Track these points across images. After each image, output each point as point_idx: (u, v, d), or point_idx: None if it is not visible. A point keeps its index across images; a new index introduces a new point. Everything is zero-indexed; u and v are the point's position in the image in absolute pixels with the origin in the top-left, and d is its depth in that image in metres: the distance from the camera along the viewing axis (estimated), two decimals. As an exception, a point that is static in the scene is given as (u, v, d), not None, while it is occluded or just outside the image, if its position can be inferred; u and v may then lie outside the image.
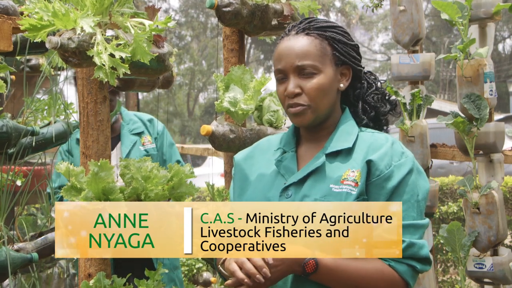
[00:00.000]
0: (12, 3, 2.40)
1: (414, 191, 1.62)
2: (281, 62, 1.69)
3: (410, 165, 1.64)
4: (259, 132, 2.42)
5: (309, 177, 1.67)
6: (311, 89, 1.66)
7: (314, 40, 1.69)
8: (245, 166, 1.83)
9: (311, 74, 1.67)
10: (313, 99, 1.66)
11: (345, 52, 1.72)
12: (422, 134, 3.53)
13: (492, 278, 3.39)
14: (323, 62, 1.68)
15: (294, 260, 1.54)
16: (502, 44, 25.97)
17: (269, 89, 2.81)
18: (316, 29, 1.71)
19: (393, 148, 1.66)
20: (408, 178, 1.62)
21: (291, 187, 1.67)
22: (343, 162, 1.66)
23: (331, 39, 1.71)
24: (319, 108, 1.68)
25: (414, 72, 3.61)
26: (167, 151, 3.10)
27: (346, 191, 1.61)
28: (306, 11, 2.56)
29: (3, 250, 2.28)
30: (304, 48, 1.68)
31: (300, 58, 1.67)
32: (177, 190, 2.08)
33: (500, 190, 3.40)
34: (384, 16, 24.93)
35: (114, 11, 1.90)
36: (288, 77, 1.68)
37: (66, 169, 1.94)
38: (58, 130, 2.79)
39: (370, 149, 1.66)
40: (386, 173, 1.61)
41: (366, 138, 1.70)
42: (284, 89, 1.68)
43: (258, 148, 1.87)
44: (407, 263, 1.59)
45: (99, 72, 1.77)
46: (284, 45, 1.71)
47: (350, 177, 1.63)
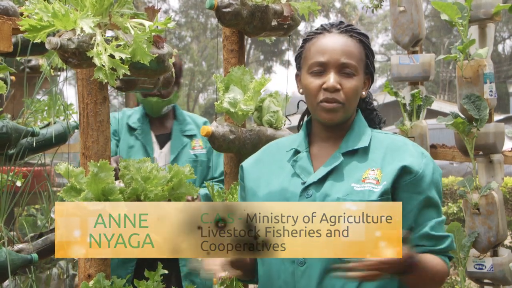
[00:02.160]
0: (12, 4, 2.40)
1: (440, 188, 1.71)
2: (325, 55, 1.69)
3: (432, 163, 1.71)
4: (259, 133, 2.42)
5: (328, 177, 1.69)
6: (349, 88, 1.68)
7: (357, 43, 1.73)
8: (255, 169, 1.83)
9: (351, 74, 1.69)
10: (349, 99, 1.69)
11: (372, 63, 1.78)
12: (422, 134, 3.53)
13: (492, 279, 3.38)
14: (360, 66, 1.72)
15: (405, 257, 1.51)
16: (502, 44, 25.98)
17: (269, 89, 2.81)
18: (358, 34, 1.75)
19: (415, 148, 1.72)
20: (435, 176, 1.69)
21: (311, 187, 1.68)
22: (360, 161, 1.70)
23: (367, 47, 1.76)
24: (350, 109, 1.71)
25: (414, 73, 3.62)
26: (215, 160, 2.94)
27: (369, 189, 1.64)
28: (306, 11, 2.56)
29: (3, 250, 2.28)
30: (350, 48, 1.71)
31: (345, 56, 1.69)
32: (177, 190, 2.08)
33: (500, 190, 3.40)
34: (384, 16, 24.95)
35: (114, 11, 1.90)
36: (328, 71, 1.69)
37: (65, 170, 1.94)
38: (58, 131, 2.79)
39: (389, 149, 1.70)
40: (421, 173, 1.66)
41: (381, 138, 1.75)
42: (321, 82, 1.69)
43: (266, 152, 1.88)
44: (449, 255, 1.71)
45: (99, 73, 1.77)
46: (328, 40, 1.72)
47: (371, 175, 1.66)
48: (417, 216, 1.66)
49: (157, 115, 2.94)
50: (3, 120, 2.48)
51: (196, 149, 2.95)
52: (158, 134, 2.97)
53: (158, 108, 2.90)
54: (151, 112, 2.93)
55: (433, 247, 1.67)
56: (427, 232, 1.66)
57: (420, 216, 1.66)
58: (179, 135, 2.96)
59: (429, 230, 1.66)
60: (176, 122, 2.99)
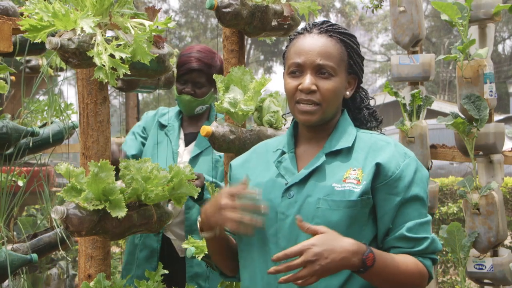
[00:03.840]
0: (12, 4, 2.40)
1: (424, 189, 1.68)
2: (301, 56, 1.69)
3: (415, 164, 1.68)
4: (259, 133, 2.41)
5: (311, 177, 1.68)
6: (326, 90, 1.68)
7: (336, 43, 1.72)
8: (242, 170, 1.84)
9: (329, 75, 1.69)
10: (326, 100, 1.68)
11: (357, 63, 1.76)
12: (422, 134, 3.52)
13: (492, 279, 3.38)
14: (340, 66, 1.71)
15: (353, 251, 1.51)
16: (502, 44, 25.97)
17: (269, 90, 2.81)
18: (339, 34, 1.74)
19: (397, 149, 1.69)
20: (417, 177, 1.67)
21: (293, 187, 1.68)
22: (343, 161, 1.69)
23: (350, 46, 1.74)
24: (328, 110, 1.70)
25: (414, 73, 3.61)
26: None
27: (349, 189, 1.63)
28: (306, 12, 2.56)
29: (2, 251, 2.28)
30: (328, 48, 1.70)
31: (322, 57, 1.68)
32: (177, 190, 2.08)
33: (500, 191, 3.40)
34: (384, 17, 24.93)
35: (114, 11, 1.90)
36: (304, 73, 1.69)
37: (66, 170, 1.94)
38: (54, 131, 2.79)
39: (372, 149, 1.69)
40: (397, 174, 1.64)
41: (365, 138, 1.73)
42: (297, 83, 1.69)
43: (255, 152, 1.88)
44: (430, 257, 1.67)
45: (99, 73, 1.77)
46: (306, 41, 1.72)
47: (352, 175, 1.65)
48: (394, 218, 1.64)
49: (189, 113, 2.95)
50: (3, 120, 2.48)
51: None
52: (187, 132, 2.98)
53: (191, 107, 2.90)
54: (184, 110, 2.95)
55: (410, 249, 1.64)
56: (403, 234, 1.63)
57: (398, 217, 1.64)
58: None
59: (405, 232, 1.63)
60: (207, 122, 2.99)
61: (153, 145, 2.91)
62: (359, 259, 1.51)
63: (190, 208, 2.80)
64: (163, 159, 2.79)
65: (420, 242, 1.64)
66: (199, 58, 2.86)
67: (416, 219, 1.64)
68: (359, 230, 1.63)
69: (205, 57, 2.88)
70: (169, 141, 2.92)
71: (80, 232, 1.87)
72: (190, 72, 2.85)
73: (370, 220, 1.65)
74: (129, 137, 3.01)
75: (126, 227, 1.96)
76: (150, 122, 3.01)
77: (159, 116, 3.00)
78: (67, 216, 1.84)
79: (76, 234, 1.88)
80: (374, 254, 1.54)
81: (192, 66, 2.84)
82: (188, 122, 2.99)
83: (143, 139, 2.97)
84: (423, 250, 1.64)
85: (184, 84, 2.86)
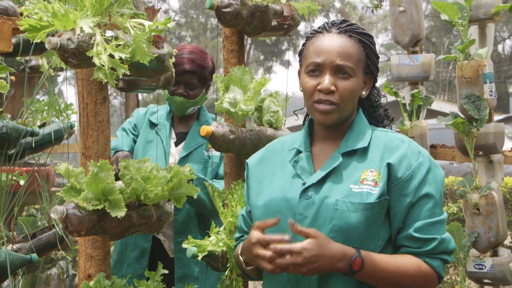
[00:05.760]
0: (12, 4, 2.40)
1: (437, 188, 1.67)
2: (321, 56, 1.69)
3: (428, 163, 1.68)
4: (259, 133, 2.41)
5: (328, 178, 1.69)
6: (345, 90, 1.68)
7: (355, 44, 1.72)
8: (259, 168, 1.84)
9: (347, 75, 1.69)
10: (344, 100, 1.69)
11: (374, 63, 1.77)
12: (422, 134, 3.53)
13: (492, 279, 3.38)
14: (358, 67, 1.71)
15: (339, 257, 1.55)
16: (501, 44, 25.98)
17: (269, 89, 2.80)
18: (358, 34, 1.74)
19: (410, 148, 1.69)
20: (430, 176, 1.66)
21: (311, 188, 1.68)
22: (359, 161, 1.69)
23: (368, 47, 1.75)
24: (345, 110, 1.71)
25: (414, 73, 3.62)
26: (219, 164, 2.92)
27: (367, 191, 1.63)
28: (306, 11, 2.56)
29: (2, 251, 2.28)
30: (347, 49, 1.70)
31: (342, 57, 1.68)
32: (177, 190, 2.08)
33: (500, 190, 3.40)
34: (384, 16, 24.94)
35: (113, 11, 1.90)
36: (323, 72, 1.69)
37: (65, 170, 1.94)
38: (54, 130, 2.79)
39: (386, 149, 1.69)
40: (408, 174, 1.65)
41: (380, 137, 1.74)
42: (316, 83, 1.69)
43: (270, 150, 1.88)
44: (440, 257, 1.66)
45: (98, 73, 1.77)
46: (326, 41, 1.72)
47: (369, 177, 1.65)
48: (405, 217, 1.65)
49: (181, 114, 2.94)
50: (3, 120, 2.48)
51: (211, 150, 2.89)
52: (178, 132, 2.97)
53: (183, 108, 2.89)
54: (176, 111, 2.93)
55: (418, 249, 1.64)
56: (411, 234, 1.64)
57: (408, 217, 1.65)
58: (196, 135, 2.93)
59: (413, 232, 1.63)
60: (197, 122, 2.99)
61: (144, 144, 2.90)
62: (345, 264, 1.55)
63: (179, 208, 2.79)
64: (154, 158, 2.77)
65: (428, 243, 1.64)
66: (192, 60, 2.84)
67: (426, 219, 1.64)
68: (376, 230, 1.64)
69: (197, 58, 2.86)
70: (160, 140, 2.91)
71: (80, 232, 1.87)
72: (183, 73, 2.81)
73: (387, 220, 1.66)
74: (120, 133, 3.00)
75: (125, 227, 1.96)
76: (141, 120, 3.00)
77: (149, 115, 2.99)
78: (66, 216, 1.84)
79: (75, 234, 1.88)
80: (363, 259, 1.56)
81: (184, 67, 2.81)
82: (178, 122, 2.98)
83: (134, 136, 2.97)
84: (430, 251, 1.64)
85: (176, 85, 2.81)
